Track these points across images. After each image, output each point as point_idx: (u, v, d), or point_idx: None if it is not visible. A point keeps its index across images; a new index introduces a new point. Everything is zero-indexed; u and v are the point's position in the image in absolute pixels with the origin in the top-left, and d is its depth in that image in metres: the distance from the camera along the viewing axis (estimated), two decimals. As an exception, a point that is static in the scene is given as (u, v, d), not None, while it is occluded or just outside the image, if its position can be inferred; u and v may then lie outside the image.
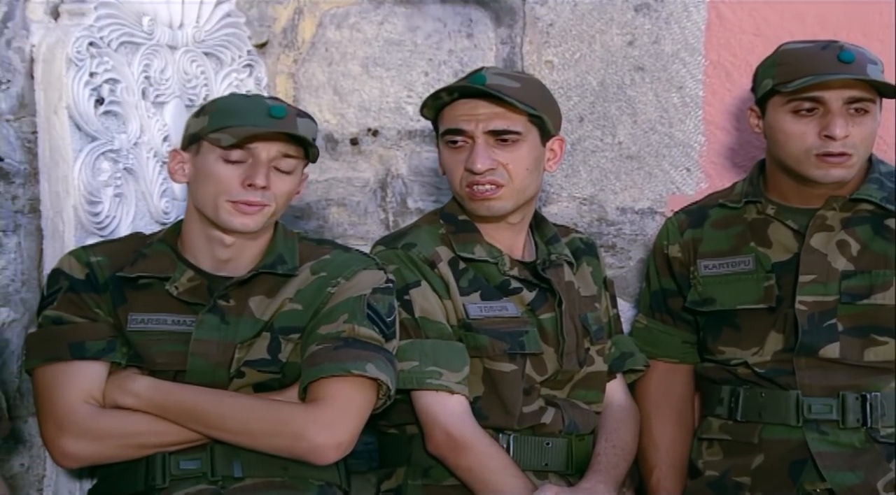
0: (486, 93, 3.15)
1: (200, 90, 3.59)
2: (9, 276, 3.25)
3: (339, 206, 3.90)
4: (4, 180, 3.25)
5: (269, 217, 2.97)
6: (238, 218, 2.93)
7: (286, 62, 3.92)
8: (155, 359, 2.95)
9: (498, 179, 3.18)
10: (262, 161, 2.93)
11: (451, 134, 3.19)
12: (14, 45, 3.27)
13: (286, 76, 3.92)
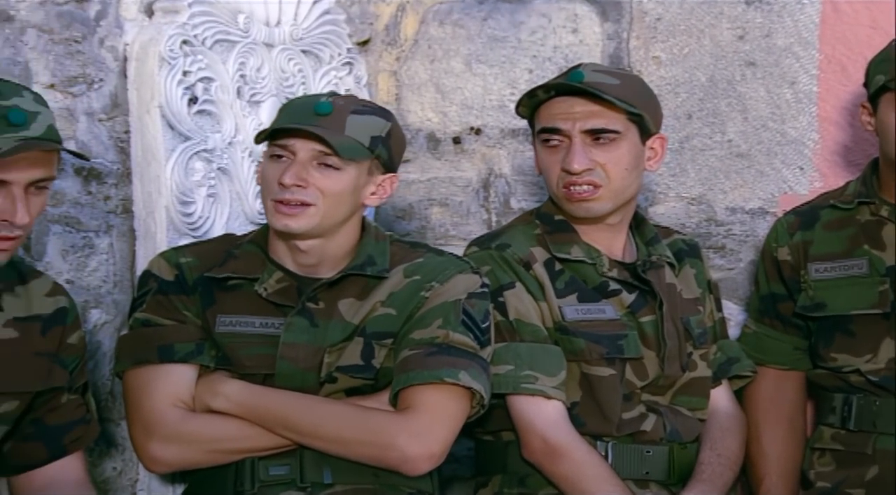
0: (584, 90, 3.09)
1: (298, 89, 3.57)
2: (100, 278, 3.26)
3: (442, 206, 3.87)
4: (97, 180, 3.26)
5: (320, 217, 2.90)
6: (280, 219, 2.88)
7: (388, 60, 3.90)
8: (243, 362, 2.93)
9: (595, 180, 3.12)
10: (299, 159, 2.87)
11: (547, 133, 3.14)
12: (107, 44, 3.28)
13: (388, 74, 3.90)
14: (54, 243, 3.17)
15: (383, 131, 2.93)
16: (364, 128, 2.90)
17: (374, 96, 3.84)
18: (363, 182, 2.94)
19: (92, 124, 3.25)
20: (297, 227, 2.89)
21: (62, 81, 3.19)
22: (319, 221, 2.89)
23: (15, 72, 3.07)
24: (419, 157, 3.88)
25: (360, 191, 2.94)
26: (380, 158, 2.95)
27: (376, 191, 2.98)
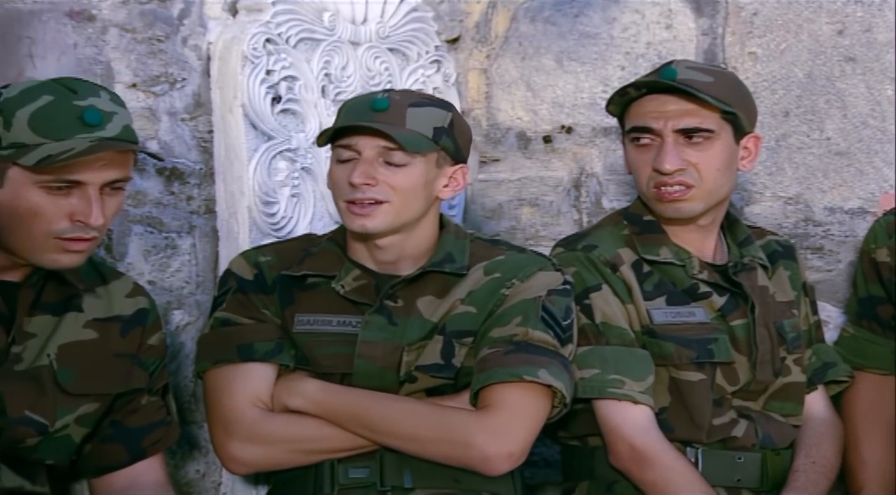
0: (677, 88, 3.04)
1: (384, 87, 3.54)
2: (183, 278, 3.26)
3: (532, 207, 3.83)
4: (179, 180, 3.26)
5: (394, 214, 2.88)
6: (355, 219, 2.87)
7: (478, 58, 3.87)
8: (321, 361, 2.91)
9: (687, 180, 3.06)
10: (364, 157, 2.85)
11: (638, 132, 3.08)
12: (190, 43, 3.28)
13: (478, 72, 3.87)
14: (136, 244, 3.18)
15: (445, 122, 2.91)
16: (425, 119, 2.88)
17: (464, 95, 3.81)
18: (433, 175, 2.91)
19: (174, 124, 3.25)
20: (374, 227, 2.87)
21: (144, 81, 3.20)
22: (394, 218, 2.87)
23: (97, 71, 3.08)
24: (509, 157, 3.84)
25: (431, 184, 2.91)
26: (446, 149, 2.92)
27: (448, 184, 2.95)
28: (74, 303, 2.72)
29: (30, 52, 2.98)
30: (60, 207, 2.53)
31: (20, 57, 2.97)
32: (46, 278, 2.67)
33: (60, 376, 2.66)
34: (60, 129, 2.52)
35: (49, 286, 2.68)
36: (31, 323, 2.64)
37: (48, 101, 2.53)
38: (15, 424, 2.60)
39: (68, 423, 2.68)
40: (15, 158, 2.50)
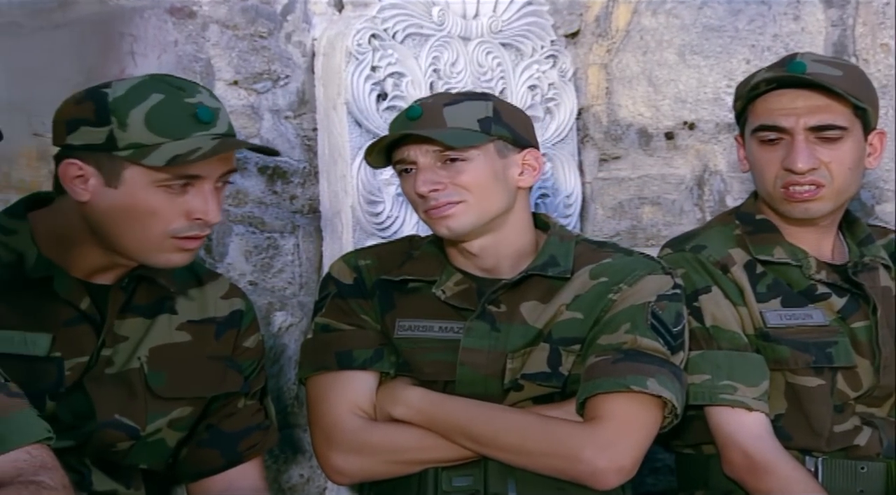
0: (809, 82, 2.93)
1: (496, 83, 3.51)
2: (286, 279, 3.24)
3: (654, 205, 3.76)
4: (282, 179, 3.24)
5: (475, 210, 2.83)
6: (439, 224, 2.84)
7: (599, 52, 3.81)
8: (423, 368, 2.88)
9: (819, 179, 2.97)
10: (421, 165, 2.82)
11: (766, 130, 2.99)
12: (294, 40, 3.26)
13: (598, 67, 3.81)
14: (237, 244, 3.17)
15: (488, 111, 2.85)
16: (465, 114, 2.83)
17: (583, 90, 3.76)
18: (500, 165, 2.86)
19: (277, 122, 3.23)
20: (458, 225, 2.83)
21: (246, 78, 3.18)
22: (477, 215, 2.83)
23: (196, 68, 3.08)
24: (630, 154, 3.78)
25: (502, 174, 2.86)
26: (502, 137, 2.86)
27: (523, 171, 2.89)
28: (167, 305, 2.71)
29: (131, 49, 2.99)
30: (178, 206, 2.53)
31: (122, 54, 2.98)
32: (139, 280, 2.66)
33: (151, 379, 2.65)
34: (178, 128, 2.51)
35: (141, 288, 2.67)
36: (122, 325, 2.64)
37: (160, 100, 2.52)
38: (105, 428, 2.59)
39: (161, 427, 2.66)
40: (136, 159, 2.49)
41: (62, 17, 2.95)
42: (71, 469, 2.54)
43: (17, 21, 2.92)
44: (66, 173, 2.53)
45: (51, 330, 2.55)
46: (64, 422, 2.54)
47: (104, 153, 2.50)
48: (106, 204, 2.52)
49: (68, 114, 2.55)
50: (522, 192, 2.91)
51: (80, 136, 2.52)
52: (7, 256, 2.57)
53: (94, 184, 2.52)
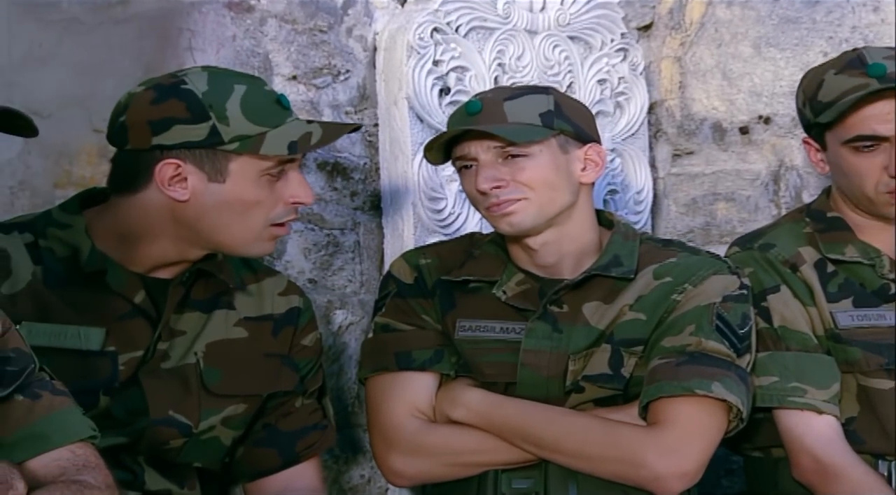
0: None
1: (564, 77, 3.48)
2: (346, 277, 3.22)
3: (728, 202, 3.71)
4: (342, 176, 3.23)
5: (537, 207, 2.80)
6: (500, 221, 2.81)
7: (672, 45, 3.76)
8: (483, 369, 2.85)
9: None
10: (482, 162, 2.79)
11: (864, 140, 2.91)
12: (355, 34, 3.24)
13: (672, 60, 3.76)
14: (295, 241, 3.15)
15: (549, 105, 2.82)
16: (526, 108, 2.80)
17: (656, 84, 3.72)
18: (563, 161, 2.82)
19: (337, 117, 3.21)
20: (520, 222, 2.80)
21: (305, 73, 3.17)
22: (539, 212, 2.80)
23: (254, 63, 3.07)
24: (703, 149, 3.73)
25: (565, 170, 2.83)
26: (564, 132, 2.83)
27: (586, 166, 2.85)
28: (225, 301, 2.69)
29: (190, 45, 3.00)
30: (277, 193, 2.55)
31: (180, 50, 2.98)
32: (198, 275, 2.64)
33: (206, 375, 2.64)
34: (271, 116, 2.53)
35: (199, 283, 2.66)
36: (179, 320, 2.63)
37: (246, 90, 2.53)
38: (158, 425, 2.58)
39: (214, 425, 2.65)
40: (249, 150, 2.51)
41: (122, 12, 2.96)
42: (124, 467, 2.56)
43: (78, 17, 2.93)
44: (162, 175, 2.52)
45: (105, 324, 2.55)
46: (117, 419, 2.55)
47: (206, 149, 2.50)
48: (210, 199, 2.52)
49: (149, 114, 2.52)
50: (585, 188, 2.88)
51: (173, 135, 2.51)
52: (62, 250, 2.57)
53: (194, 182, 2.52)
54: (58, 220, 2.60)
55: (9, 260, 2.52)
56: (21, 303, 2.51)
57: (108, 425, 2.51)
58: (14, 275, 2.52)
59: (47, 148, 2.89)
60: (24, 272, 2.53)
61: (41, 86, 2.89)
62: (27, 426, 2.09)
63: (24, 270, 2.53)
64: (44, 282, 2.54)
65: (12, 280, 2.52)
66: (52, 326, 2.51)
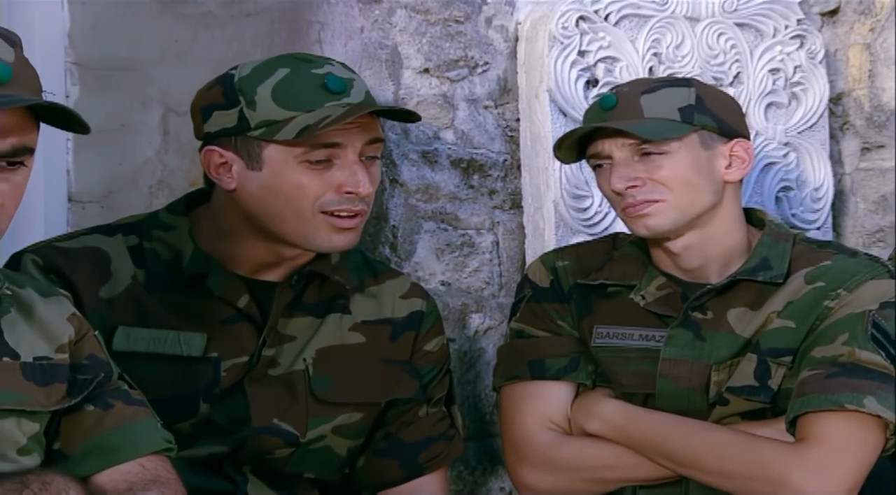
0: None
1: (730, 67, 3.35)
2: (483, 279, 3.15)
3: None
4: (479, 173, 3.16)
5: (676, 209, 2.66)
6: (636, 223, 2.69)
7: (861, 31, 3.60)
8: (621, 379, 2.74)
9: None
10: (617, 160, 2.68)
11: None
12: (495, 24, 3.17)
13: (860, 48, 3.60)
14: (426, 242, 3.08)
15: (690, 98, 2.69)
16: (664, 103, 2.67)
17: (843, 73, 3.57)
18: (704, 158, 2.69)
19: (474, 111, 3.15)
20: (657, 225, 2.68)
21: (438, 66, 3.10)
22: (678, 214, 2.68)
23: (382, 56, 3.02)
24: (895, 142, 3.58)
25: (706, 168, 2.69)
26: (706, 127, 2.69)
27: (731, 163, 2.71)
28: (340, 304, 2.61)
29: (318, 37, 2.97)
30: (325, 181, 2.45)
31: (309, 43, 2.96)
32: (310, 278, 2.56)
33: (316, 383, 2.56)
34: (307, 100, 2.44)
35: (312, 286, 2.59)
36: (289, 324, 2.55)
37: (286, 74, 2.46)
38: (261, 434, 2.50)
39: (324, 434, 2.56)
40: (269, 136, 2.43)
41: (253, 5, 2.95)
42: (225, 477, 2.50)
43: (212, 11, 2.93)
44: (209, 162, 2.49)
45: (207, 329, 2.49)
46: (219, 426, 2.49)
47: (240, 136, 2.45)
48: (253, 188, 2.46)
49: (200, 101, 2.51)
50: (731, 187, 2.74)
51: (214, 122, 2.48)
52: (166, 253, 2.52)
53: (237, 170, 2.47)
54: (163, 222, 2.55)
55: (108, 263, 2.49)
56: (119, 307, 2.47)
57: (209, 433, 2.48)
58: (113, 279, 2.48)
59: (184, 146, 2.89)
60: (123, 276, 2.49)
61: (177, 81, 2.90)
62: (96, 438, 2.04)
63: (125, 274, 2.49)
64: (145, 286, 2.50)
65: (111, 284, 2.48)
66: (152, 331, 2.47)
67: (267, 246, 2.51)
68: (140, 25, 2.86)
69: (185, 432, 2.44)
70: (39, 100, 1.88)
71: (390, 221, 3.01)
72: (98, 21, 2.83)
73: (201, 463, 2.47)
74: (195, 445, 2.46)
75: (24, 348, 2.00)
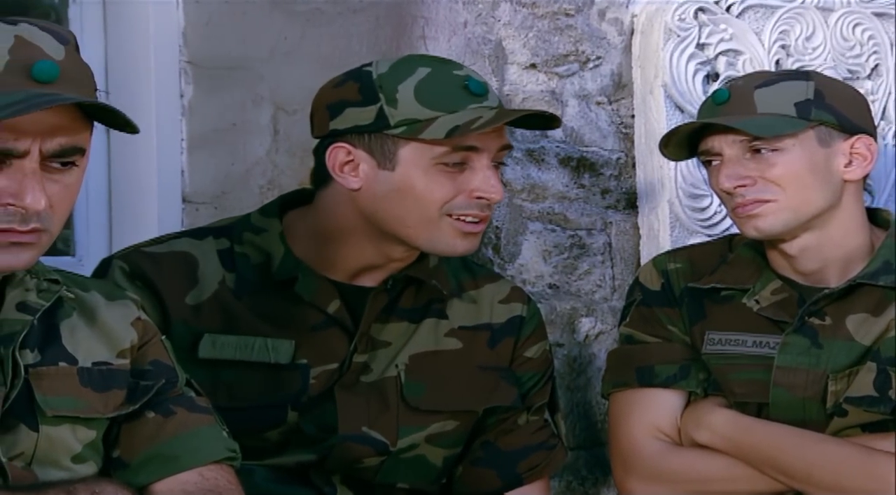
0: None
1: (867, 59, 3.23)
2: (594, 282, 3.08)
3: None
4: (590, 172, 3.09)
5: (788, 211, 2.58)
6: (745, 224, 2.61)
7: None
8: (734, 388, 2.65)
9: None
10: (727, 158, 2.60)
11: None
12: (609, 16, 3.10)
13: None
14: (532, 243, 3.01)
15: (808, 93, 2.60)
16: (780, 97, 2.59)
17: None
18: (822, 156, 2.59)
19: (585, 108, 3.08)
20: (768, 226, 2.59)
21: (546, 61, 3.03)
22: (791, 215, 2.59)
23: (486, 51, 2.96)
24: None
25: (823, 166, 2.60)
26: (825, 122, 2.59)
27: (851, 160, 2.61)
28: (436, 309, 2.55)
29: (423, 33, 2.93)
30: (458, 184, 2.40)
31: (413, 38, 2.92)
32: (406, 282, 2.51)
33: (408, 390, 2.49)
34: (451, 100, 2.39)
35: (409, 291, 2.53)
36: (383, 330, 2.49)
37: (428, 73, 2.41)
38: (348, 442, 2.44)
39: (417, 443, 2.49)
40: (412, 134, 2.38)
41: (359, 2, 2.93)
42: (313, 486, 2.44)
43: (320, 8, 2.90)
44: (334, 159, 2.43)
45: (297, 335, 2.44)
46: (307, 435, 2.43)
47: (374, 134, 2.40)
48: (381, 188, 2.41)
49: (329, 98, 2.46)
50: (852, 186, 2.64)
51: (345, 119, 2.42)
52: (256, 257, 2.47)
53: (365, 169, 2.41)
54: (255, 225, 2.51)
55: (196, 268, 2.45)
56: (206, 313, 2.43)
57: (297, 441, 2.43)
58: (201, 284, 2.44)
59: (294, 145, 2.87)
60: (211, 281, 2.45)
61: (286, 80, 2.88)
62: (156, 446, 1.99)
63: (212, 279, 2.45)
64: (233, 291, 2.45)
65: (199, 289, 2.44)
66: (239, 338, 2.42)
67: (376, 247, 2.46)
68: (251, 23, 2.84)
69: (273, 440, 2.41)
70: (79, 98, 1.83)
71: (493, 222, 2.94)
72: (211, 19, 2.81)
73: (289, 472, 2.43)
74: (283, 454, 2.42)
75: (82, 353, 1.97)
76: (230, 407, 2.30)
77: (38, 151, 1.82)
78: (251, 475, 2.34)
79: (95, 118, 1.89)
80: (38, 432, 1.90)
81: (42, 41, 1.84)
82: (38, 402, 1.90)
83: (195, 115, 2.79)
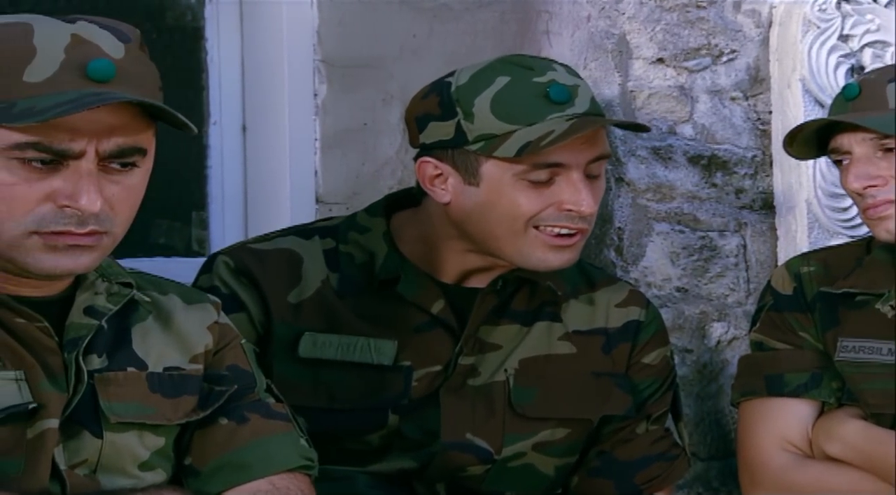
0: None
1: None
2: (726, 285, 2.99)
3: None
4: (722, 170, 3.00)
5: None
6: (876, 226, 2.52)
7: None
8: (867, 398, 2.56)
9: None
10: (856, 156, 2.50)
11: None
12: (745, 8, 3.02)
13: None
14: (658, 245, 2.94)
15: None
16: None
17: None
18: None
19: (718, 104, 3.00)
20: None
21: (674, 55, 2.96)
22: None
23: (608, 46, 2.89)
24: None
25: None
26: None
27: None
28: (549, 312, 2.47)
29: (546, 28, 2.89)
30: (545, 198, 2.32)
31: (538, 34, 2.89)
32: (519, 283, 2.44)
33: (517, 395, 2.41)
34: (529, 112, 2.30)
35: (522, 292, 2.46)
36: (493, 332, 2.43)
37: (506, 83, 2.32)
38: (450, 449, 2.38)
39: (524, 451, 2.41)
40: (486, 151, 2.31)
41: None
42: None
43: (447, 4, 2.88)
44: (423, 173, 2.37)
45: (400, 336, 2.39)
46: (410, 440, 2.38)
47: (457, 149, 2.33)
48: (468, 202, 2.35)
49: (416, 110, 2.41)
50: None
51: (430, 133, 2.37)
52: (360, 256, 2.44)
53: (453, 183, 2.35)
54: (360, 224, 2.47)
55: (300, 266, 2.41)
56: (307, 312, 2.39)
57: (399, 446, 2.38)
58: (303, 283, 2.40)
59: (423, 145, 2.81)
60: (314, 280, 2.41)
61: (415, 78, 2.84)
62: (227, 453, 1.95)
63: (315, 278, 2.41)
64: (336, 290, 2.41)
65: (301, 287, 2.40)
66: (341, 338, 2.38)
67: (478, 255, 2.40)
68: (381, 21, 2.83)
69: (374, 445, 2.36)
70: (127, 96, 1.79)
71: (615, 223, 2.87)
72: (344, 18, 2.81)
73: (391, 480, 2.37)
74: (384, 459, 2.37)
75: (153, 357, 1.94)
76: (330, 408, 2.29)
77: (94, 152, 1.79)
78: (353, 482, 2.32)
79: (159, 118, 1.85)
80: (103, 439, 1.87)
81: (100, 39, 1.81)
82: (101, 408, 1.88)
83: (328, 115, 2.78)
